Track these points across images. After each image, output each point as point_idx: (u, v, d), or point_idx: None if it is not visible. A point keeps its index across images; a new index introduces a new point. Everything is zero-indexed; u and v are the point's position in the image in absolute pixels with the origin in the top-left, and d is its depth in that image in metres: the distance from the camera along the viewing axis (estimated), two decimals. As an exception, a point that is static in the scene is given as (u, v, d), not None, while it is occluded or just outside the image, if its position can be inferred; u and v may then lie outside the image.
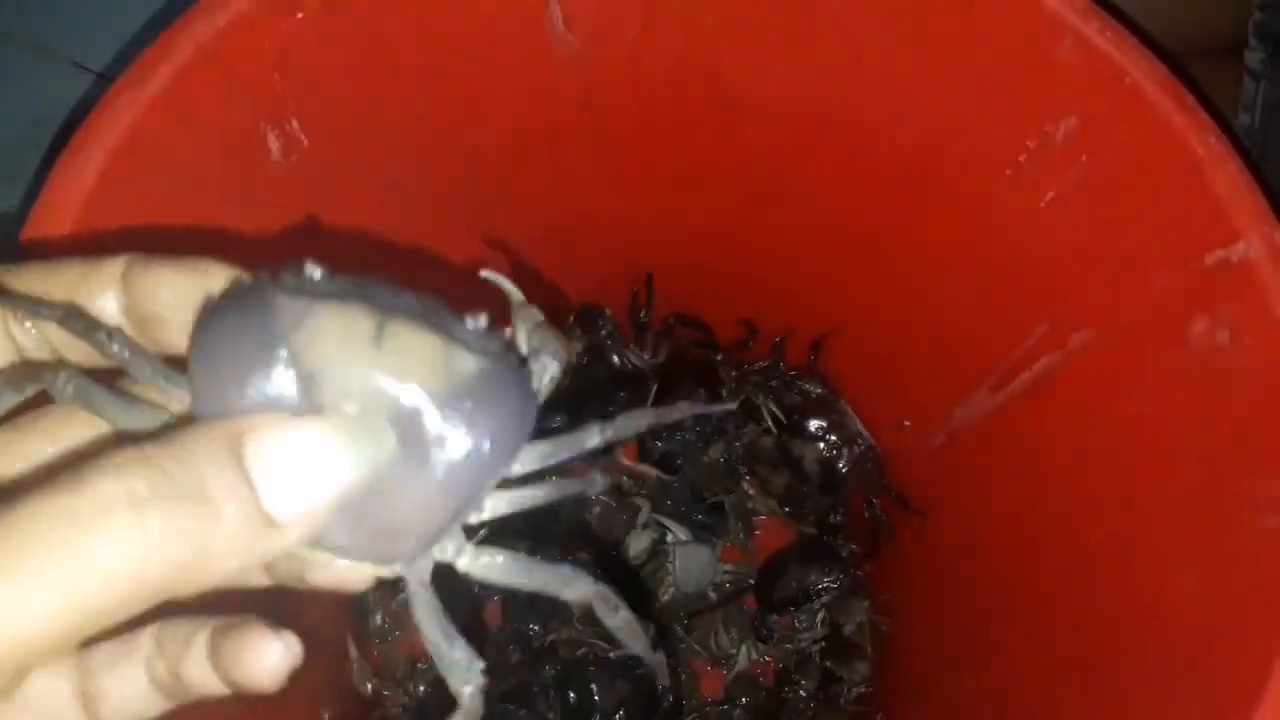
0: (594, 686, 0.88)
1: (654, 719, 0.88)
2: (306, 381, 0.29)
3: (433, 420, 0.30)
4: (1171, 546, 0.59)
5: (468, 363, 0.30)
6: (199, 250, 0.33)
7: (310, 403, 0.29)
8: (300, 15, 0.55)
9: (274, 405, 0.29)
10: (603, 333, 0.88)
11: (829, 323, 0.88)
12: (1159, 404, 0.60)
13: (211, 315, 0.31)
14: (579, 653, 0.90)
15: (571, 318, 0.87)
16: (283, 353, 0.29)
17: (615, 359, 0.90)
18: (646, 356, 0.92)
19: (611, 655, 0.89)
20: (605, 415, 0.74)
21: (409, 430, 0.30)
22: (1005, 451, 0.75)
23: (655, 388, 0.93)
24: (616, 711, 0.88)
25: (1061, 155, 0.60)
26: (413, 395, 0.29)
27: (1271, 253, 0.53)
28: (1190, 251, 0.56)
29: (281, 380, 0.29)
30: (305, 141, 0.61)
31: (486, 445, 0.30)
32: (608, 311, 0.90)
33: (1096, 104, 0.57)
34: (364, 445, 0.29)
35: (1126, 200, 0.60)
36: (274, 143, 0.59)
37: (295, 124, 0.60)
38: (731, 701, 0.94)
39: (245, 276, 0.33)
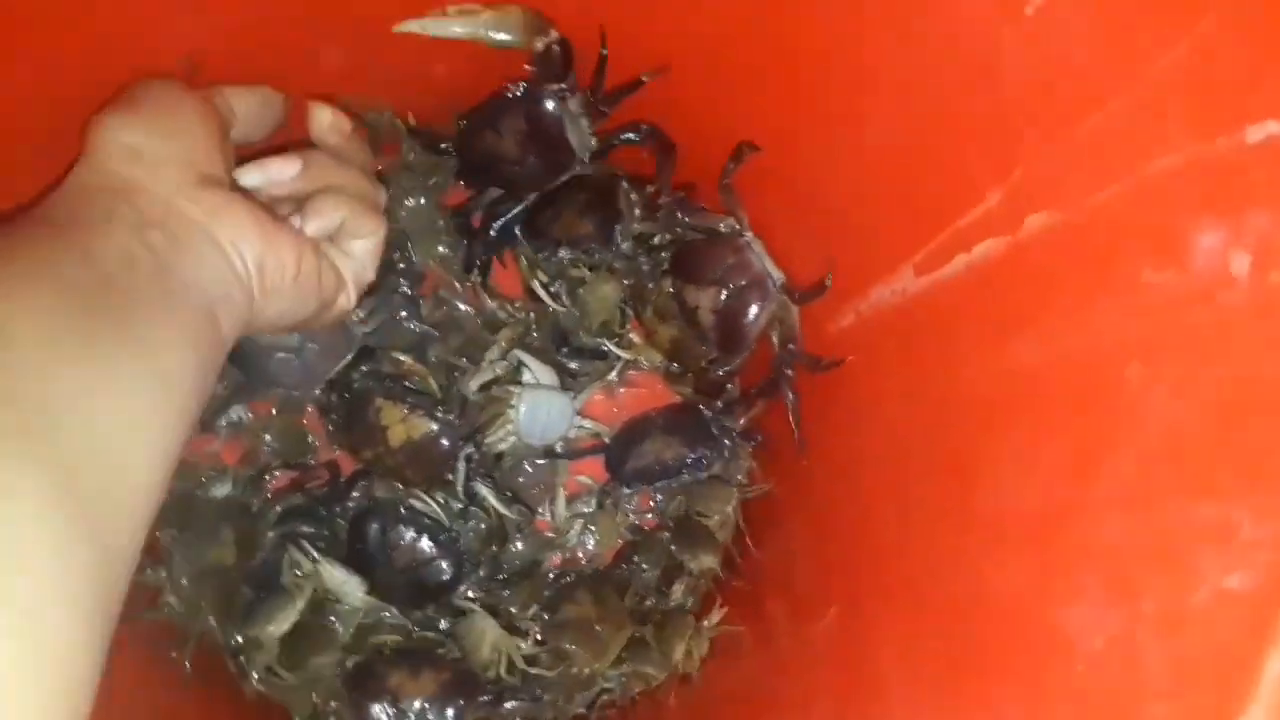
0: (393, 535, 0.74)
1: (441, 593, 0.73)
2: None
3: None
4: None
5: None
6: None
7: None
8: None
9: None
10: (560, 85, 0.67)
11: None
12: (1119, 338, 0.40)
13: None
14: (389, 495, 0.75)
15: (539, 45, 0.65)
16: None
17: (550, 106, 0.69)
18: (589, 135, 0.71)
19: (426, 517, 0.74)
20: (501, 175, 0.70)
21: None
22: (916, 351, 0.56)
23: (568, 177, 0.73)
24: (407, 571, 0.73)
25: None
26: None
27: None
28: (1230, 115, 0.35)
29: None
30: None
31: None
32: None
33: None
34: None
35: (1148, 25, 0.38)
36: None
37: None
38: (563, 576, 0.79)
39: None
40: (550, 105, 0.69)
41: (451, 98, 0.73)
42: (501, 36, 0.65)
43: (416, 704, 0.69)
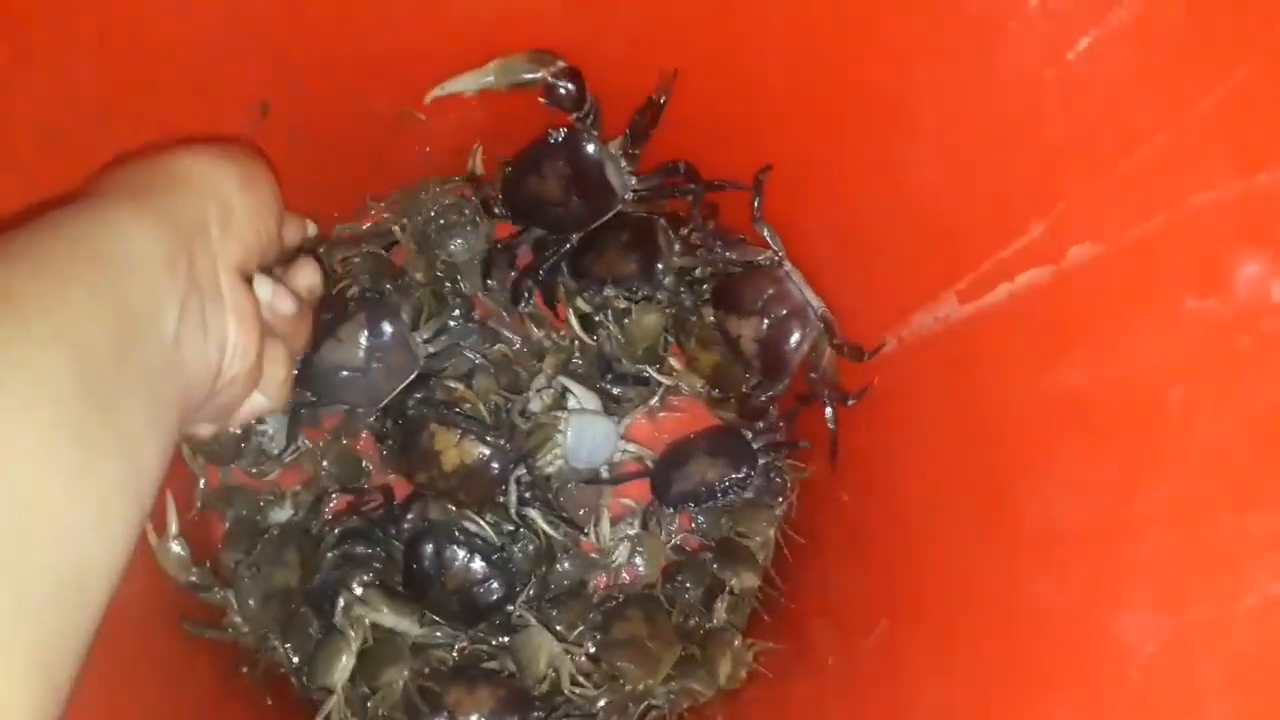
0: (446, 555, 0.76)
1: (491, 612, 0.75)
2: None
3: None
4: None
5: None
6: None
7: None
8: None
9: None
10: (585, 113, 0.70)
11: (789, 185, 0.69)
12: (1161, 362, 0.42)
13: None
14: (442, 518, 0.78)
15: (547, 76, 0.68)
16: None
17: (590, 149, 0.72)
18: (629, 175, 0.74)
19: (478, 538, 0.76)
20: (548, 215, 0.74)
21: None
22: (960, 376, 0.58)
23: (610, 217, 0.76)
24: (460, 591, 0.75)
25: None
26: None
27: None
28: (1267, 153, 0.38)
29: None
30: None
31: None
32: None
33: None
34: None
35: (1187, 65, 0.41)
36: None
37: None
38: (610, 597, 0.81)
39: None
40: (591, 149, 0.72)
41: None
42: (510, 78, 0.68)
43: (474, 719, 0.71)
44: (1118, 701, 0.38)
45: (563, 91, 0.68)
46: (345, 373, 0.73)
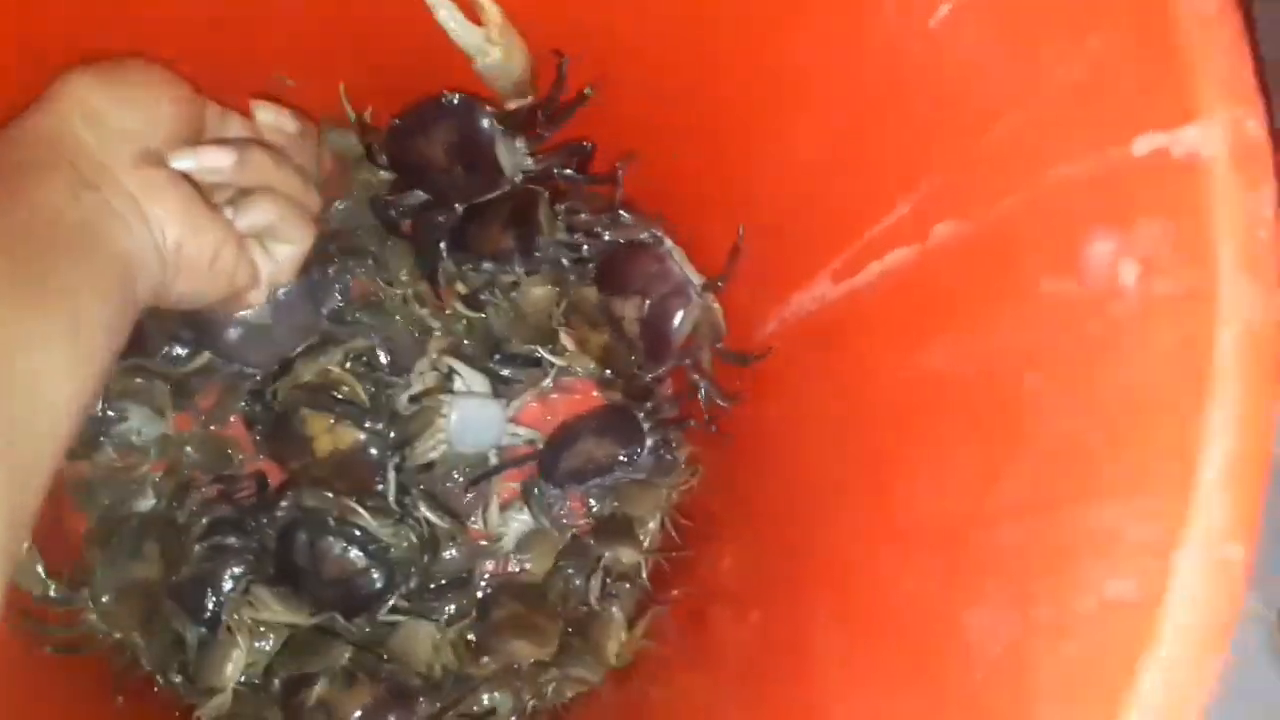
0: (321, 546, 0.72)
1: (371, 603, 0.72)
2: None
3: None
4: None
5: None
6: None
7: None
8: None
9: None
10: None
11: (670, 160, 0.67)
12: (1018, 346, 0.40)
13: None
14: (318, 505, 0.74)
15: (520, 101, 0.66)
16: None
17: (483, 124, 0.68)
18: (523, 156, 0.71)
19: (356, 528, 0.73)
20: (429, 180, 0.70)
21: None
22: (835, 358, 0.56)
23: (497, 195, 0.73)
24: (337, 582, 0.72)
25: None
26: None
27: (1237, 153, 0.33)
28: (1120, 127, 0.36)
29: None
30: None
31: None
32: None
33: None
34: None
35: (1049, 36, 0.39)
36: None
37: None
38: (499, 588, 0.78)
39: None
40: (484, 123, 0.68)
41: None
42: (493, 68, 0.64)
43: (355, 715, 0.68)
44: (958, 703, 0.37)
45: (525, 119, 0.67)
46: (243, 329, 0.70)
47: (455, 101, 0.69)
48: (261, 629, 0.69)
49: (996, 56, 0.41)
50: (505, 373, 0.80)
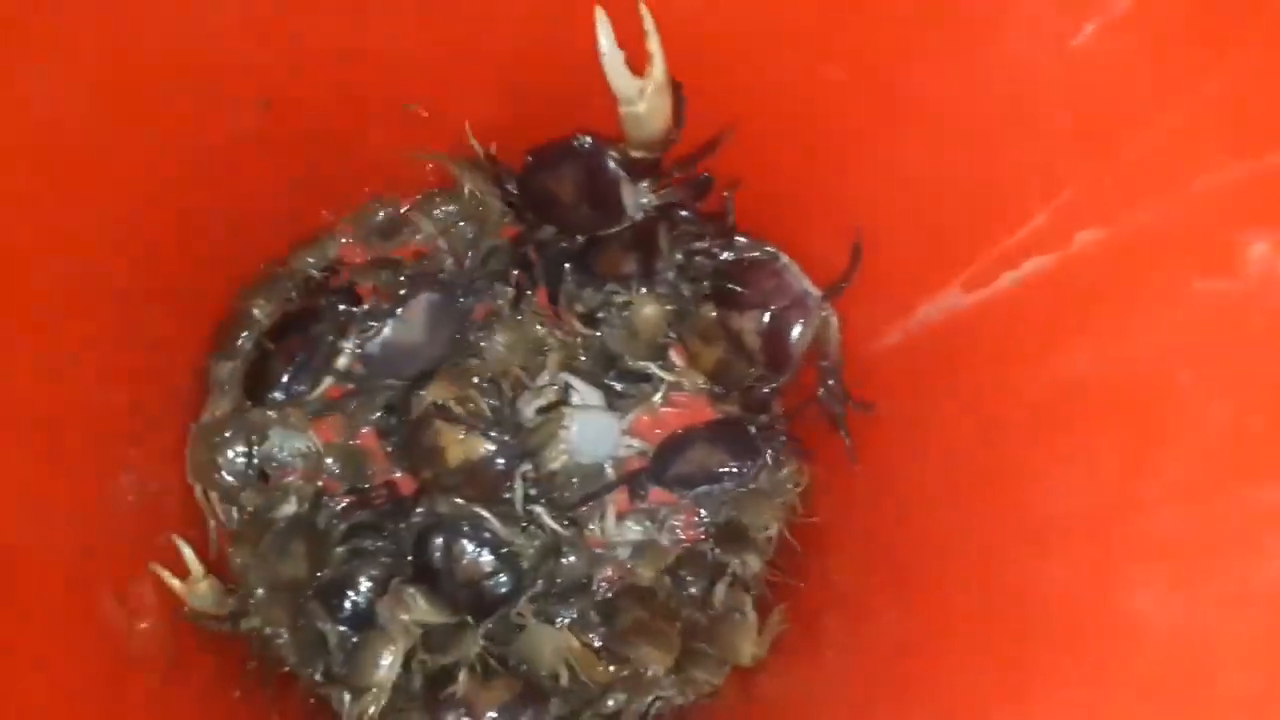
0: (455, 549, 0.76)
1: (501, 605, 0.75)
2: None
3: None
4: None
5: None
6: None
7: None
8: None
9: None
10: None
11: (790, 180, 0.70)
12: (1170, 344, 0.43)
13: None
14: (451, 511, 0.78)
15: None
16: None
17: (610, 168, 0.72)
18: (648, 197, 0.75)
19: (488, 532, 0.76)
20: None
21: None
22: (965, 365, 0.59)
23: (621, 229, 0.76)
24: (469, 584, 0.76)
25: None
26: None
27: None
28: (1263, 137, 0.38)
29: None
30: None
31: None
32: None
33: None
34: None
35: (1193, 50, 0.41)
36: None
37: None
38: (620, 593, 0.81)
39: None
40: (610, 166, 0.72)
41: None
42: (634, 119, 0.66)
43: (491, 714, 0.71)
44: (1127, 682, 0.39)
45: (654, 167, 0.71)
46: (389, 347, 0.76)
47: (586, 145, 0.73)
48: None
49: (1140, 71, 0.44)
50: (619, 387, 0.83)
